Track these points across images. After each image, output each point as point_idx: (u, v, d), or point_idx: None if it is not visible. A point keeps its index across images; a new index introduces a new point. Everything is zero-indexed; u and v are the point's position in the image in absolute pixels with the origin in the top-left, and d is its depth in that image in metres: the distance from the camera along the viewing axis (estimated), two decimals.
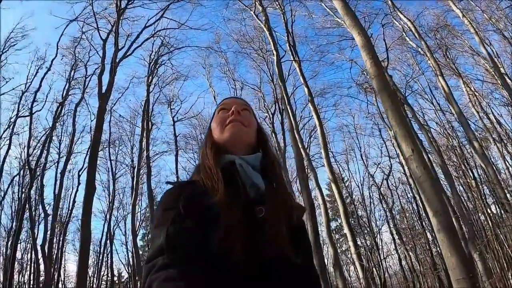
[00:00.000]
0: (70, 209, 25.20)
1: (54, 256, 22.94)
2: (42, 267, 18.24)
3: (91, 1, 17.70)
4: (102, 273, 29.76)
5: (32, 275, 23.50)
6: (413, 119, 14.72)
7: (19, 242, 22.14)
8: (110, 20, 18.33)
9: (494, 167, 16.53)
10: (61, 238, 24.85)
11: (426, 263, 21.41)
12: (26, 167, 20.31)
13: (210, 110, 29.56)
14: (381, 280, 16.82)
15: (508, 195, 15.40)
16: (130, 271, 27.53)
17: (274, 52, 14.92)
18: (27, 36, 26.43)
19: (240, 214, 1.07)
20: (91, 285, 28.78)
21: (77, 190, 24.32)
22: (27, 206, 18.71)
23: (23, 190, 22.23)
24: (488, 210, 18.16)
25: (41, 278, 20.03)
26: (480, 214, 18.96)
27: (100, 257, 27.64)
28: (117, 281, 33.85)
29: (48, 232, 19.06)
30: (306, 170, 13.75)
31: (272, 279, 1.04)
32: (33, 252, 19.44)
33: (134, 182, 20.61)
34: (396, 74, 21.69)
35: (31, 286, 23.91)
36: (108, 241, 27.04)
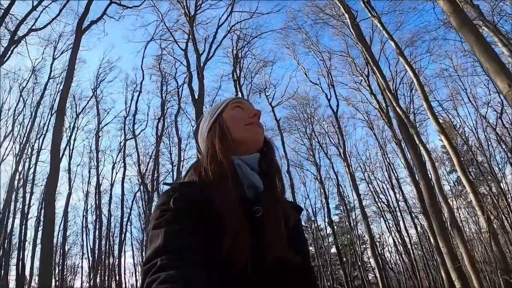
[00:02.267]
0: None
1: None
2: None
3: (162, 18, 18.65)
4: None
5: None
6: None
7: None
8: (185, 29, 19.19)
9: None
10: None
11: None
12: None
13: (305, 88, 29.42)
14: None
15: None
16: None
17: (346, 15, 14.35)
18: (114, 67, 29.10)
19: (242, 217, 1.05)
20: None
21: None
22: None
23: (146, 203, 24.29)
24: None
25: None
26: None
27: None
28: None
29: None
30: (409, 127, 13.04)
31: (273, 280, 1.02)
32: None
33: None
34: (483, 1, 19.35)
35: None
36: None
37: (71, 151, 27.61)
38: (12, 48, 14.66)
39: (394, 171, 29.84)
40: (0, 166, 22.40)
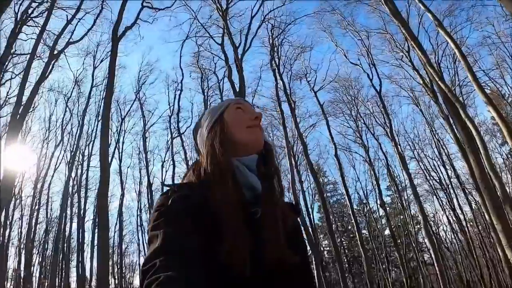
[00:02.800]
0: None
1: None
2: None
3: (195, 16, 18.87)
4: None
5: None
6: None
7: None
8: (219, 24, 19.38)
9: None
10: None
11: None
12: None
13: (346, 69, 28.91)
14: None
15: None
16: None
17: None
18: (154, 69, 29.95)
19: (241, 218, 1.06)
20: None
21: None
22: None
23: None
24: None
25: None
26: None
27: None
28: None
29: None
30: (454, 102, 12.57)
31: (272, 281, 1.03)
32: None
33: (293, 161, 21.42)
34: None
35: None
36: None
37: (120, 154, 28.83)
38: (52, 63, 15.32)
39: (444, 147, 29.07)
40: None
